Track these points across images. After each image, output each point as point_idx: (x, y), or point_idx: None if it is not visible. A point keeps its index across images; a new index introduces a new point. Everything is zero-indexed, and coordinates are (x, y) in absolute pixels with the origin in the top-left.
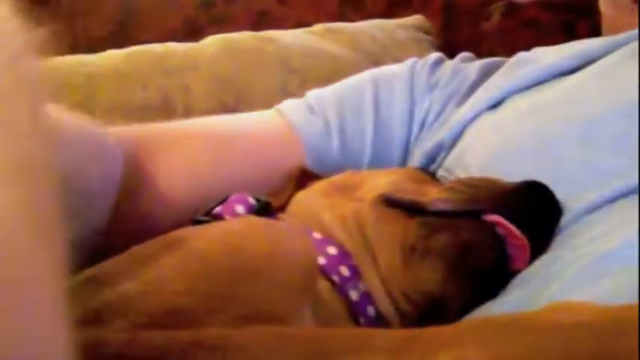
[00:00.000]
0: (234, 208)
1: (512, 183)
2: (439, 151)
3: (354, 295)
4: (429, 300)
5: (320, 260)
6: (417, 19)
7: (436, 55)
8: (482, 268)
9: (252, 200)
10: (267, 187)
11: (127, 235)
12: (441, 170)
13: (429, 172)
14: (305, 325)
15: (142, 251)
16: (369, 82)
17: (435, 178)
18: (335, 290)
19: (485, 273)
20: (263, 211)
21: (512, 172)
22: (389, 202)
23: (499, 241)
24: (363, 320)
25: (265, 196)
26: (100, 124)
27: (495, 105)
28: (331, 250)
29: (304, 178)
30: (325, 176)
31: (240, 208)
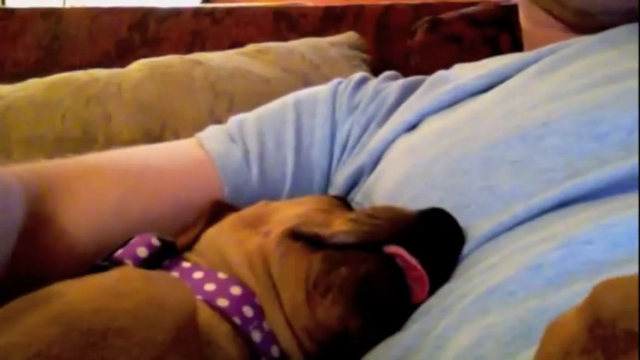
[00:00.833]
0: (135, 251)
1: (413, 212)
2: (360, 175)
3: (256, 337)
4: (331, 336)
5: (222, 302)
6: (349, 35)
7: (360, 75)
8: (383, 301)
9: (155, 241)
10: (181, 223)
11: (30, 279)
12: (359, 196)
13: (342, 200)
14: None
15: (15, 306)
16: (291, 106)
17: (349, 205)
18: (236, 333)
19: (386, 306)
20: (167, 252)
21: (420, 198)
22: (294, 236)
23: (398, 274)
24: None
25: (171, 236)
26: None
27: (412, 127)
28: (235, 291)
29: (218, 211)
30: (242, 208)
31: (143, 250)
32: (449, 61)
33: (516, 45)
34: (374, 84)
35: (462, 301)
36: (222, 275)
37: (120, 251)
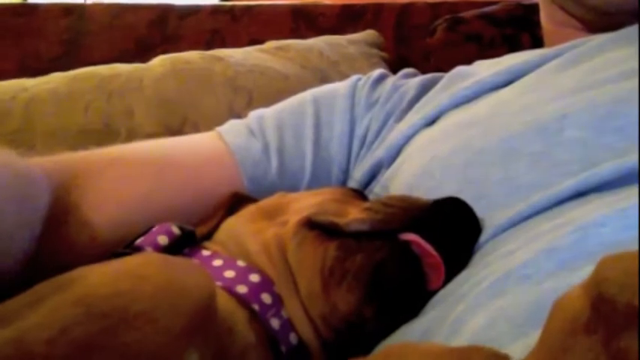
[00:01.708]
0: (155, 238)
1: (430, 200)
2: (379, 169)
3: (275, 324)
4: (347, 324)
5: (241, 289)
6: (368, 33)
7: (379, 72)
8: (398, 288)
9: (175, 230)
10: (201, 213)
11: (55, 266)
12: (378, 188)
13: (358, 192)
14: None
15: (39, 290)
16: (310, 101)
17: (365, 197)
18: (254, 320)
19: (402, 293)
20: (187, 241)
21: (437, 189)
22: (310, 225)
23: (414, 261)
24: (284, 348)
25: (191, 225)
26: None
27: (432, 122)
28: (254, 278)
29: (237, 202)
30: (261, 199)
31: (163, 238)
32: (468, 60)
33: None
34: (393, 80)
35: (479, 287)
36: (241, 263)
37: (140, 239)
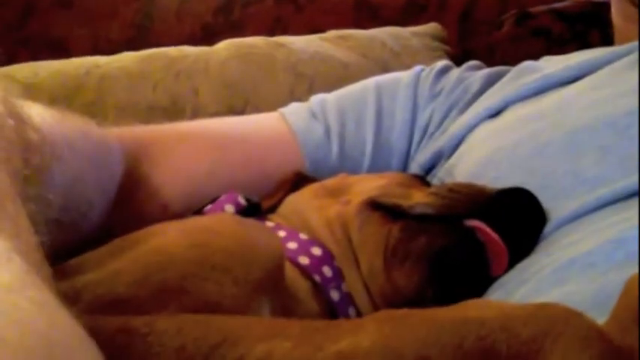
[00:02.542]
0: (223, 207)
1: (496, 189)
2: (439, 159)
3: (335, 296)
4: (407, 303)
5: (304, 260)
6: (431, 27)
7: (443, 63)
8: (461, 272)
9: (242, 200)
10: (263, 191)
11: (124, 234)
12: (442, 171)
13: (420, 178)
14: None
15: (119, 243)
16: (373, 89)
17: (427, 183)
18: (315, 290)
19: (464, 277)
20: (252, 212)
21: (502, 179)
22: (374, 206)
23: (478, 247)
24: None
25: (257, 198)
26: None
27: (496, 114)
28: (315, 251)
29: (300, 181)
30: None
31: (230, 207)
32: (535, 55)
33: (606, 42)
34: (457, 72)
35: (541, 273)
36: (303, 236)
37: (209, 206)
